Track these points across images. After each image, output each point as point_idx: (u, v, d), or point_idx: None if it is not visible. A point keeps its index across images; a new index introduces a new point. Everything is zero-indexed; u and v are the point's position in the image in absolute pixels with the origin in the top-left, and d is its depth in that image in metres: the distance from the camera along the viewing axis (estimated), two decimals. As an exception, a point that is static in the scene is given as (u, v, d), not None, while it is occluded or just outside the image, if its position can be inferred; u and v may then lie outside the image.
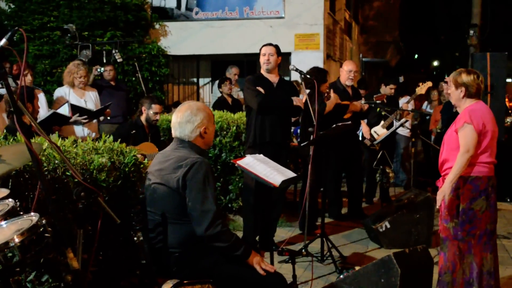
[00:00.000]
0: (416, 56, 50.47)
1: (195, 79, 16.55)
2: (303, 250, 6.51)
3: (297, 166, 9.02)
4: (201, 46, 15.47)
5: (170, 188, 3.90)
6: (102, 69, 9.50)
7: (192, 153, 4.04)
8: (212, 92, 16.04)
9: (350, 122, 7.34)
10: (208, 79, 16.94)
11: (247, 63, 15.45)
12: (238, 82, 11.95)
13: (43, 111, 7.65)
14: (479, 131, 5.03)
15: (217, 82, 11.46)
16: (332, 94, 7.90)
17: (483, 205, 5.10)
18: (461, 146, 5.03)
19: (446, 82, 10.31)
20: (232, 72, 11.71)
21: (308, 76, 7.23)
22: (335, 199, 8.78)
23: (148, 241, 3.95)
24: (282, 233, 7.79)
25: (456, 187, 5.08)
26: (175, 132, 4.17)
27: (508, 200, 10.42)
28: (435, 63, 55.88)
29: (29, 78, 7.74)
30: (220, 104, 10.34)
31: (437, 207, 5.21)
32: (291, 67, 7.13)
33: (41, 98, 7.81)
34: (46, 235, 2.75)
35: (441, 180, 5.28)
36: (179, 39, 15.52)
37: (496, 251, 5.26)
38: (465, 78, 5.18)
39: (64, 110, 7.42)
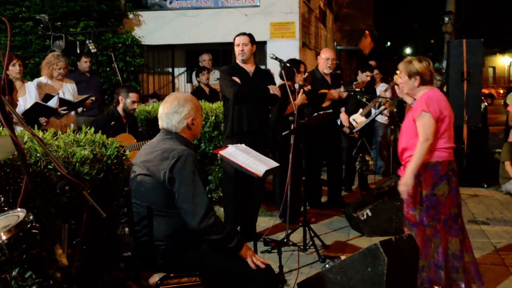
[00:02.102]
0: (388, 43, 50.79)
1: (170, 69, 16.44)
2: (288, 240, 6.49)
3: (275, 154, 8.95)
4: (176, 36, 15.35)
5: (157, 180, 3.84)
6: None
7: (179, 144, 3.99)
8: (187, 82, 15.99)
9: (331, 110, 7.32)
10: (183, 69, 16.85)
11: (223, 52, 15.37)
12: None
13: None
14: (436, 118, 5.07)
15: (194, 71, 11.40)
16: (300, 95, 7.85)
17: (445, 190, 5.15)
18: (420, 135, 5.06)
19: (377, 68, 10.19)
20: (204, 60, 11.64)
21: (288, 65, 7.19)
22: (315, 187, 8.76)
23: (133, 234, 3.90)
24: (262, 222, 7.77)
25: (417, 173, 5.11)
26: (162, 123, 4.11)
27: (485, 186, 10.49)
28: (408, 51, 56.27)
29: (17, 68, 7.55)
30: (197, 93, 10.26)
31: (406, 198, 5.22)
32: (270, 55, 7.09)
33: (31, 88, 7.65)
34: (34, 231, 2.67)
35: (402, 169, 5.32)
36: (154, 29, 15.39)
37: (462, 234, 5.31)
38: (418, 66, 5.20)
39: (53, 102, 7.31)
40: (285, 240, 6.55)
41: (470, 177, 10.50)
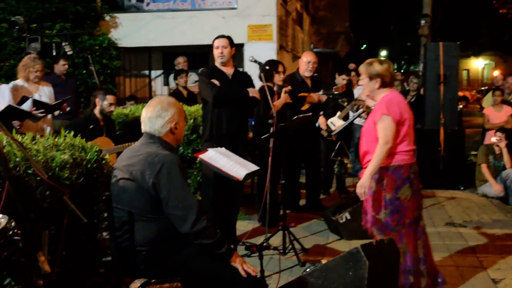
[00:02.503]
0: (364, 46, 50.99)
1: (146, 72, 16.37)
2: (270, 244, 6.46)
3: (254, 158, 8.94)
4: (153, 38, 15.30)
5: (139, 184, 3.81)
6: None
7: (162, 149, 3.96)
8: (164, 84, 15.93)
9: (310, 113, 7.33)
10: (160, 71, 16.77)
11: (200, 54, 15.36)
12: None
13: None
14: (397, 121, 5.08)
15: (172, 74, 11.36)
16: (283, 94, 7.85)
17: (408, 193, 5.15)
18: (380, 138, 5.07)
19: (354, 70, 10.14)
20: (179, 62, 11.61)
21: (267, 67, 7.18)
22: (294, 191, 8.75)
23: (114, 239, 3.86)
24: (241, 226, 7.75)
25: (380, 178, 5.13)
26: (145, 127, 4.09)
27: (462, 188, 10.57)
28: (383, 53, 56.59)
29: None
30: (175, 96, 10.16)
31: (362, 200, 5.23)
32: (249, 58, 7.07)
33: (4, 91, 7.56)
34: (16, 238, 2.63)
35: (363, 172, 5.32)
36: (130, 31, 15.31)
37: (424, 236, 5.37)
38: (379, 68, 5.22)
39: (27, 105, 7.23)
40: (264, 244, 6.51)
41: (447, 179, 10.61)
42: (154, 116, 4.06)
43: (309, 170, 9.01)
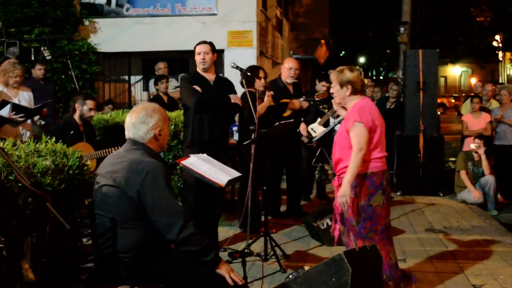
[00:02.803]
0: (343, 53, 51.24)
1: (126, 77, 16.29)
2: (253, 251, 6.45)
3: (235, 164, 8.93)
4: (132, 43, 15.23)
5: (123, 191, 3.79)
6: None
7: (146, 156, 3.95)
8: (143, 90, 15.85)
9: (292, 120, 7.33)
10: (139, 77, 16.69)
11: (180, 60, 15.31)
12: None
13: None
14: (369, 128, 5.11)
15: (152, 80, 11.32)
16: (266, 97, 7.85)
17: (381, 200, 5.20)
18: (353, 145, 5.09)
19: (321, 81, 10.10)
20: (160, 68, 11.57)
21: (248, 73, 7.17)
22: (275, 197, 8.74)
23: (97, 246, 3.82)
24: (222, 232, 7.71)
25: (353, 185, 5.15)
26: (128, 133, 4.06)
27: (441, 194, 10.63)
28: (362, 60, 56.90)
29: None
30: (155, 102, 10.15)
31: (345, 210, 5.22)
32: (231, 64, 7.05)
33: None
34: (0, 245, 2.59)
35: (336, 179, 5.36)
36: (110, 36, 15.23)
37: (393, 243, 5.42)
38: (349, 75, 5.25)
39: (5, 111, 7.15)
40: (246, 250, 6.51)
41: (427, 185, 10.68)
42: (138, 122, 4.04)
43: (290, 176, 9.00)
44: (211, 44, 7.02)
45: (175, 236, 3.73)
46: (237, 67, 7.01)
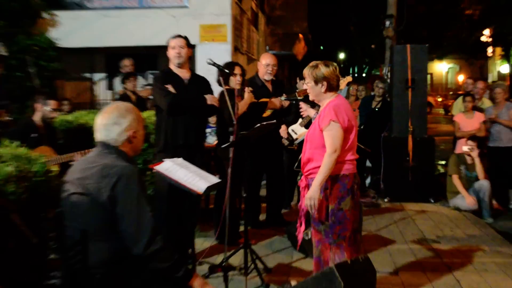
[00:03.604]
0: (321, 48, 51.36)
1: (89, 74, 16.16)
2: (234, 266, 6.42)
3: (210, 169, 8.87)
4: (96, 38, 15.13)
5: (94, 199, 3.72)
6: None
7: (119, 160, 3.88)
8: (108, 88, 15.73)
9: (275, 121, 7.29)
10: (103, 75, 16.58)
11: (148, 56, 15.23)
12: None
13: None
14: (345, 128, 5.17)
15: (118, 77, 11.21)
16: (246, 93, 7.80)
17: (350, 205, 5.24)
18: (328, 146, 5.13)
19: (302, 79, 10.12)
20: (126, 65, 11.48)
21: (226, 71, 7.11)
22: (253, 204, 8.67)
23: (65, 261, 3.74)
24: (197, 244, 7.61)
25: (324, 187, 5.18)
26: (100, 136, 3.99)
27: (432, 201, 10.64)
28: (341, 56, 57.13)
29: None
30: (122, 101, 10.05)
31: (312, 213, 5.24)
32: (207, 60, 6.97)
33: None
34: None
35: (303, 179, 5.40)
36: (71, 30, 15.12)
37: (362, 249, 5.53)
38: (324, 71, 5.30)
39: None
40: (223, 263, 6.46)
41: (416, 191, 10.69)
42: (110, 124, 3.97)
43: (270, 182, 8.93)
44: (186, 38, 7.01)
45: (141, 251, 3.69)
46: (213, 64, 6.94)
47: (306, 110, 5.84)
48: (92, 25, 15.10)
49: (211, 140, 9.94)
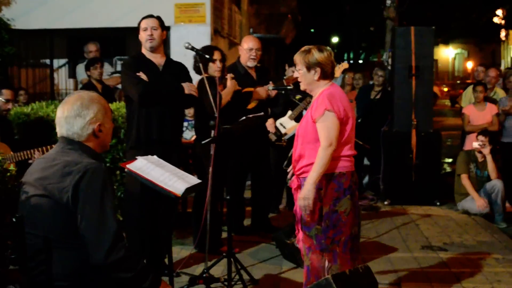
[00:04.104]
0: (312, 31, 51.35)
1: (48, 60, 16.08)
2: (210, 274, 6.44)
3: (188, 168, 8.88)
4: (56, 19, 15.00)
5: (57, 201, 3.72)
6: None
7: (85, 157, 3.88)
8: (69, 76, 15.68)
9: (262, 113, 7.32)
10: (64, 60, 16.52)
11: (115, 40, 15.18)
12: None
13: None
14: (341, 119, 5.19)
15: (81, 64, 11.19)
16: (229, 81, 7.82)
17: (347, 206, 5.27)
18: (322, 139, 5.15)
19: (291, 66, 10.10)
20: (90, 51, 11.46)
21: (206, 56, 7.13)
22: (237, 208, 8.69)
23: (26, 272, 3.75)
24: (173, 253, 7.64)
25: (318, 187, 5.20)
26: (61, 130, 3.98)
27: (438, 203, 10.69)
28: (335, 40, 57.18)
29: None
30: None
31: (305, 215, 5.24)
32: (185, 44, 6.98)
33: None
34: None
35: (295, 180, 5.41)
36: (27, 10, 14.98)
37: (360, 258, 5.52)
38: (318, 56, 5.31)
39: None
40: (204, 275, 6.49)
41: (421, 193, 10.72)
42: (72, 116, 3.95)
43: (256, 183, 8.95)
44: (159, 18, 7.01)
45: (101, 260, 3.68)
46: (192, 48, 6.96)
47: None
48: (51, 3, 14.96)
49: (188, 135, 9.94)
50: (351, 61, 51.92)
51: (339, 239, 5.23)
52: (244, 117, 6.80)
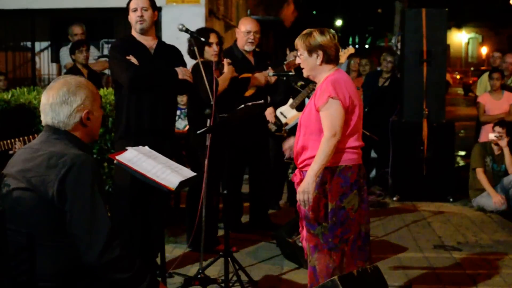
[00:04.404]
0: (314, 13, 51.32)
1: (29, 43, 16.04)
2: (205, 275, 6.43)
3: (181, 160, 8.87)
4: (37, -2, 14.98)
5: (41, 196, 3.69)
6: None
7: (71, 147, 3.85)
8: (52, 61, 15.64)
9: (262, 101, 7.30)
10: (46, 43, 16.49)
11: (102, 21, 15.14)
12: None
13: None
14: (346, 108, 5.16)
15: (65, 47, 11.17)
16: (226, 66, 7.80)
17: (355, 202, 5.25)
18: (326, 128, 5.11)
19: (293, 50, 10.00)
20: (76, 34, 11.42)
21: (202, 39, 7.11)
22: (234, 203, 8.68)
23: (8, 272, 3.73)
24: (165, 252, 7.66)
25: (322, 181, 5.18)
26: (45, 118, 3.95)
27: (451, 199, 10.69)
28: (338, 23, 57.12)
29: None
30: (72, 76, 10.02)
31: (306, 209, 5.21)
32: (179, 26, 6.97)
33: None
34: None
35: (297, 174, 5.39)
36: (5, -13, 14.96)
37: (371, 258, 5.49)
38: (320, 39, 5.28)
39: None
40: (199, 275, 6.48)
41: (432, 188, 10.72)
42: (57, 103, 3.92)
43: (254, 177, 8.95)
44: None
45: (95, 259, 3.66)
46: (186, 30, 6.96)
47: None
48: (32, -19, 14.96)
49: (181, 125, 9.93)
50: (357, 46, 51.96)
51: (347, 237, 5.20)
52: (242, 105, 6.78)
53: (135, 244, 6.88)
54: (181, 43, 7.66)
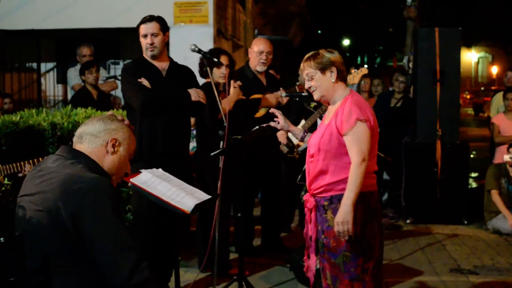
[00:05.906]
0: (319, 32, 51.31)
1: (34, 64, 16.10)
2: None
3: (191, 181, 8.87)
4: (43, 19, 15.04)
5: (53, 217, 3.68)
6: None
7: (87, 171, 3.85)
8: (57, 82, 15.69)
9: (271, 123, 7.31)
10: (52, 64, 16.54)
11: (109, 41, 15.19)
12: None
13: None
14: (372, 130, 5.08)
15: (73, 68, 11.21)
16: (232, 88, 7.81)
17: (375, 229, 5.18)
18: (354, 154, 4.99)
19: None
20: (84, 55, 11.47)
21: (215, 59, 7.14)
22: (246, 226, 8.68)
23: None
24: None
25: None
26: (75, 142, 4.01)
27: (466, 222, 10.67)
28: (346, 42, 57.14)
29: None
30: (81, 98, 10.05)
31: (344, 240, 5.06)
32: (191, 47, 6.99)
33: None
34: None
35: (310, 199, 5.29)
36: (11, 9, 15.04)
37: (382, 285, 5.42)
38: (330, 55, 5.24)
39: None
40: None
41: (447, 210, 10.69)
42: (95, 120, 4.07)
43: (266, 199, 8.95)
44: (159, 20, 6.92)
45: (124, 282, 3.64)
46: (198, 50, 6.98)
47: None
48: (38, 1, 15.03)
49: (190, 146, 9.93)
50: (365, 66, 51.89)
51: (368, 266, 5.12)
52: (256, 127, 6.78)
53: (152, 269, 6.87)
54: (189, 63, 7.66)
